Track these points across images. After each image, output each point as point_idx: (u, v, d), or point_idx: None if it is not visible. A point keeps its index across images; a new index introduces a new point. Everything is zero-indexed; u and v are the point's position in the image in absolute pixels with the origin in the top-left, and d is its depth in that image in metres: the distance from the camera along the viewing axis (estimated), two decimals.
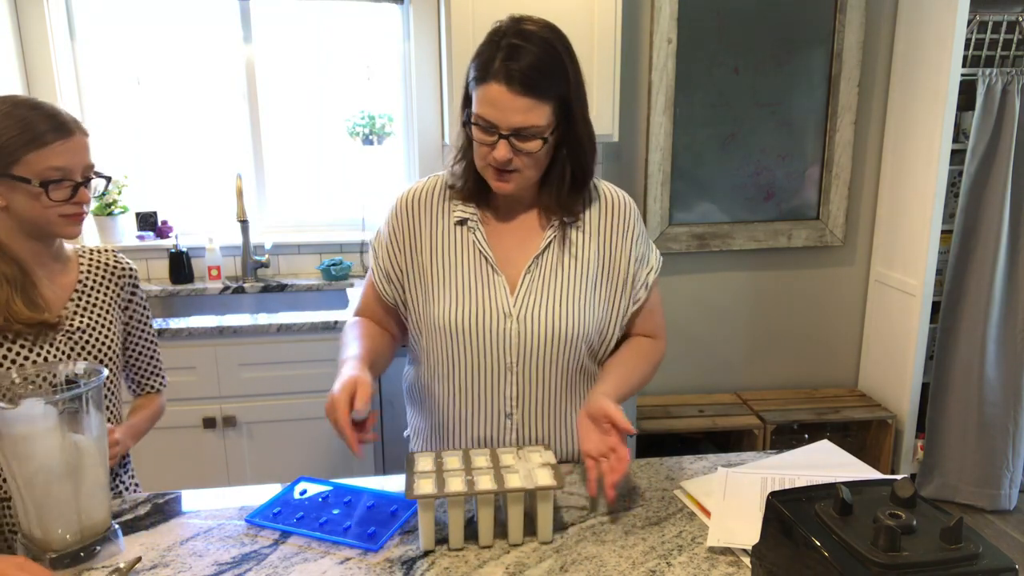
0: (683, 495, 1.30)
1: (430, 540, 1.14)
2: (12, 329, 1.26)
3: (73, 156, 1.24)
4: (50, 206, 1.24)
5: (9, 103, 1.23)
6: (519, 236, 1.36)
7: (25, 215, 1.25)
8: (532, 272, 1.33)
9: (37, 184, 1.21)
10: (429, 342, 1.36)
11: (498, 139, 1.22)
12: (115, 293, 1.43)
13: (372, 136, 3.10)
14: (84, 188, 1.26)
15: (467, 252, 1.34)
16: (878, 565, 0.82)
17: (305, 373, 2.47)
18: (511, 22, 1.24)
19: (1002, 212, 2.88)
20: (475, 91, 1.23)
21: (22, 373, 1.14)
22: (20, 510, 1.08)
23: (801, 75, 3.06)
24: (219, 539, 1.18)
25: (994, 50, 2.96)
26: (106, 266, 1.43)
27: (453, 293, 1.32)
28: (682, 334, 3.24)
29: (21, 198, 1.23)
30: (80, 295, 1.38)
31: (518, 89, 1.18)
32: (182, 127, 2.97)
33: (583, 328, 1.33)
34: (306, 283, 2.91)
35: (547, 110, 1.21)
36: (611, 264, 1.37)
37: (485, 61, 1.21)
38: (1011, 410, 2.98)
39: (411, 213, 1.37)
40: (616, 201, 1.39)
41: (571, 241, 1.35)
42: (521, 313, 1.31)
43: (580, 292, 1.34)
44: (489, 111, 1.21)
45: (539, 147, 1.24)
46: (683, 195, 3.10)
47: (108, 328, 1.40)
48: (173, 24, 2.87)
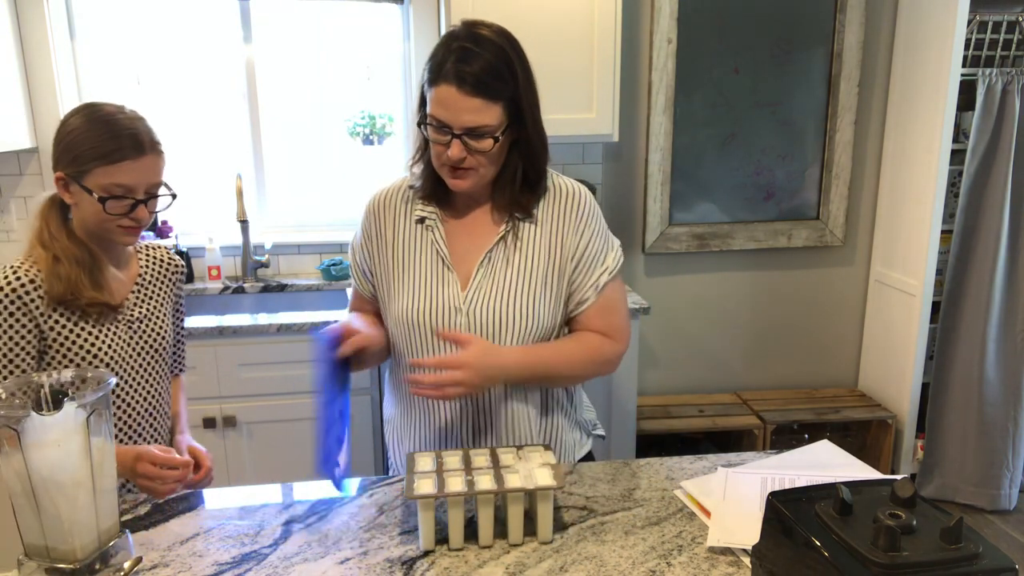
0: (683, 495, 1.30)
1: (430, 540, 1.14)
2: (77, 306, 1.34)
3: (139, 175, 1.31)
4: (108, 219, 1.32)
5: (93, 114, 1.30)
6: (474, 233, 1.40)
7: (87, 219, 1.34)
8: (484, 267, 1.37)
9: (97, 198, 1.29)
10: (395, 336, 1.42)
11: (451, 139, 1.27)
12: (168, 287, 1.54)
13: (372, 136, 3.10)
14: (143, 205, 1.33)
15: (425, 250, 1.40)
16: (878, 565, 0.82)
17: (305, 373, 2.47)
18: (465, 27, 1.29)
19: (1002, 212, 2.88)
20: (428, 92, 1.28)
21: (6, 387, 1.08)
22: (37, 525, 1.03)
23: (801, 75, 3.06)
24: (219, 539, 1.18)
25: (994, 50, 2.96)
26: (161, 261, 1.54)
27: (410, 289, 1.38)
28: (682, 334, 3.25)
29: (86, 204, 1.32)
30: (140, 287, 1.47)
31: (468, 90, 1.23)
32: (182, 127, 2.97)
33: (532, 321, 1.36)
34: (306, 283, 2.91)
35: (497, 110, 1.26)
36: (561, 258, 1.38)
37: (438, 63, 1.26)
38: (1011, 410, 2.98)
39: (379, 214, 1.44)
40: (568, 193, 1.41)
41: (521, 235, 1.38)
42: (470, 308, 1.35)
43: (529, 286, 1.36)
44: (441, 112, 1.26)
45: (491, 146, 1.28)
46: (683, 195, 3.10)
47: (162, 319, 1.50)
48: (173, 24, 2.87)
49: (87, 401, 1.03)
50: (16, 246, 2.81)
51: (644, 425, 2.92)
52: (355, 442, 2.56)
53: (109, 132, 1.28)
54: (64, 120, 1.33)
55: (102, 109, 1.31)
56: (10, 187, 2.77)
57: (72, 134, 1.30)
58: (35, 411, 1.00)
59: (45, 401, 1.06)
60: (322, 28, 2.98)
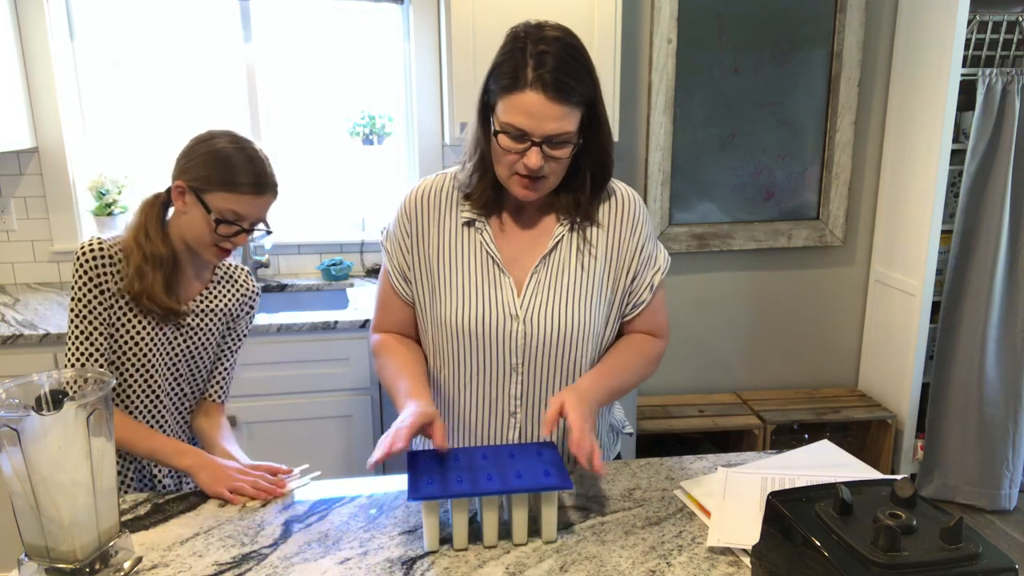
0: (683, 495, 1.30)
1: (434, 541, 1.14)
2: (143, 304, 1.40)
3: (254, 209, 1.41)
4: (213, 238, 1.39)
5: (238, 143, 1.41)
6: (528, 237, 1.35)
7: (191, 230, 1.41)
8: (539, 273, 1.33)
9: (214, 219, 1.37)
10: (436, 338, 1.37)
11: (530, 146, 1.21)
12: (231, 307, 1.55)
13: (372, 136, 3.10)
14: (245, 234, 1.43)
15: (474, 252, 1.34)
16: (878, 565, 0.82)
17: (305, 373, 2.47)
18: (531, 28, 1.22)
19: (1002, 212, 2.88)
20: (503, 100, 1.21)
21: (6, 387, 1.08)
22: (37, 525, 1.03)
23: (801, 75, 3.06)
24: (219, 539, 1.18)
25: (994, 50, 2.96)
26: (234, 280, 1.57)
27: (459, 293, 1.32)
28: (682, 334, 3.24)
29: (197, 216, 1.39)
30: (203, 299, 1.51)
31: (553, 96, 1.18)
32: (182, 127, 2.96)
33: (589, 328, 1.33)
34: (306, 283, 2.91)
35: (578, 116, 1.22)
36: (618, 263, 1.36)
37: (514, 69, 1.19)
38: (1011, 410, 2.98)
39: (419, 211, 1.37)
40: (623, 197, 1.38)
41: (579, 241, 1.34)
42: (527, 315, 1.31)
43: (587, 292, 1.33)
44: (523, 120, 1.19)
45: (569, 152, 1.24)
46: (683, 195, 3.10)
47: (210, 335, 1.53)
48: (173, 24, 2.87)
49: (87, 401, 1.03)
50: (16, 246, 2.82)
51: (644, 425, 2.92)
52: (355, 442, 2.57)
53: (246, 165, 1.39)
54: (206, 137, 1.42)
55: (245, 140, 1.42)
56: (10, 187, 2.77)
57: (214, 154, 1.38)
58: (35, 411, 1.00)
59: (45, 401, 1.06)
60: (322, 28, 2.98)
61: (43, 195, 2.79)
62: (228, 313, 1.55)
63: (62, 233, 2.83)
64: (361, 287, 2.89)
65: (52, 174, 2.77)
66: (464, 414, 1.38)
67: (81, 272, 1.38)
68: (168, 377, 1.50)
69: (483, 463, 1.18)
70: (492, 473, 1.15)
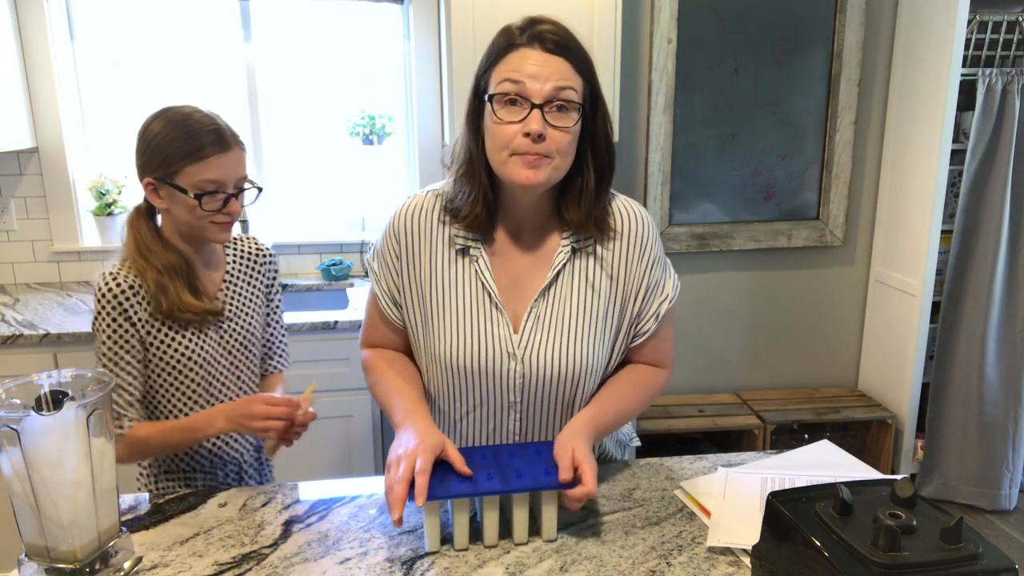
0: (683, 495, 1.30)
1: (435, 541, 1.14)
2: (182, 318, 1.38)
3: (227, 169, 1.34)
4: (203, 216, 1.34)
5: (173, 116, 1.33)
6: (527, 262, 1.26)
7: (182, 220, 1.37)
8: (539, 307, 1.25)
9: (192, 196, 1.32)
10: (431, 369, 1.30)
11: (530, 110, 1.11)
12: (258, 280, 1.54)
13: (372, 136, 3.10)
14: (235, 199, 1.37)
15: (469, 283, 1.25)
16: (878, 565, 0.82)
17: (305, 373, 2.46)
18: (525, 20, 1.17)
19: (1002, 212, 2.88)
20: (496, 69, 1.15)
21: (6, 387, 1.08)
22: (37, 525, 1.03)
23: (801, 75, 3.06)
24: (219, 539, 1.18)
25: (994, 50, 2.96)
26: (249, 254, 1.54)
27: (453, 327, 1.25)
28: (682, 334, 3.24)
29: (179, 205, 1.34)
30: (228, 284, 1.49)
31: (551, 48, 1.11)
32: None
33: (592, 366, 1.26)
34: (306, 283, 2.91)
35: (579, 82, 1.14)
36: (625, 289, 1.27)
37: (507, 37, 1.14)
38: (1011, 410, 2.98)
39: (408, 233, 1.28)
40: (629, 217, 1.28)
41: (583, 267, 1.25)
42: (525, 354, 1.24)
43: (590, 328, 1.25)
44: (519, 77, 1.11)
45: (574, 122, 1.14)
46: (683, 195, 3.10)
47: (251, 314, 1.51)
48: (173, 24, 2.87)
49: (87, 401, 1.03)
50: (16, 246, 2.82)
51: (644, 425, 2.92)
52: (355, 442, 2.56)
53: (192, 131, 1.31)
54: (144, 127, 1.36)
55: (180, 111, 1.35)
56: (10, 187, 2.77)
57: (156, 138, 1.32)
58: (35, 411, 1.00)
59: (45, 401, 1.06)
60: (322, 28, 2.98)
61: (43, 195, 2.79)
62: (257, 289, 1.53)
63: (62, 233, 2.83)
64: (361, 287, 2.89)
65: (52, 174, 2.78)
66: (461, 442, 1.35)
67: (110, 308, 1.34)
68: (229, 375, 1.49)
69: (483, 463, 1.18)
70: (492, 473, 1.15)
